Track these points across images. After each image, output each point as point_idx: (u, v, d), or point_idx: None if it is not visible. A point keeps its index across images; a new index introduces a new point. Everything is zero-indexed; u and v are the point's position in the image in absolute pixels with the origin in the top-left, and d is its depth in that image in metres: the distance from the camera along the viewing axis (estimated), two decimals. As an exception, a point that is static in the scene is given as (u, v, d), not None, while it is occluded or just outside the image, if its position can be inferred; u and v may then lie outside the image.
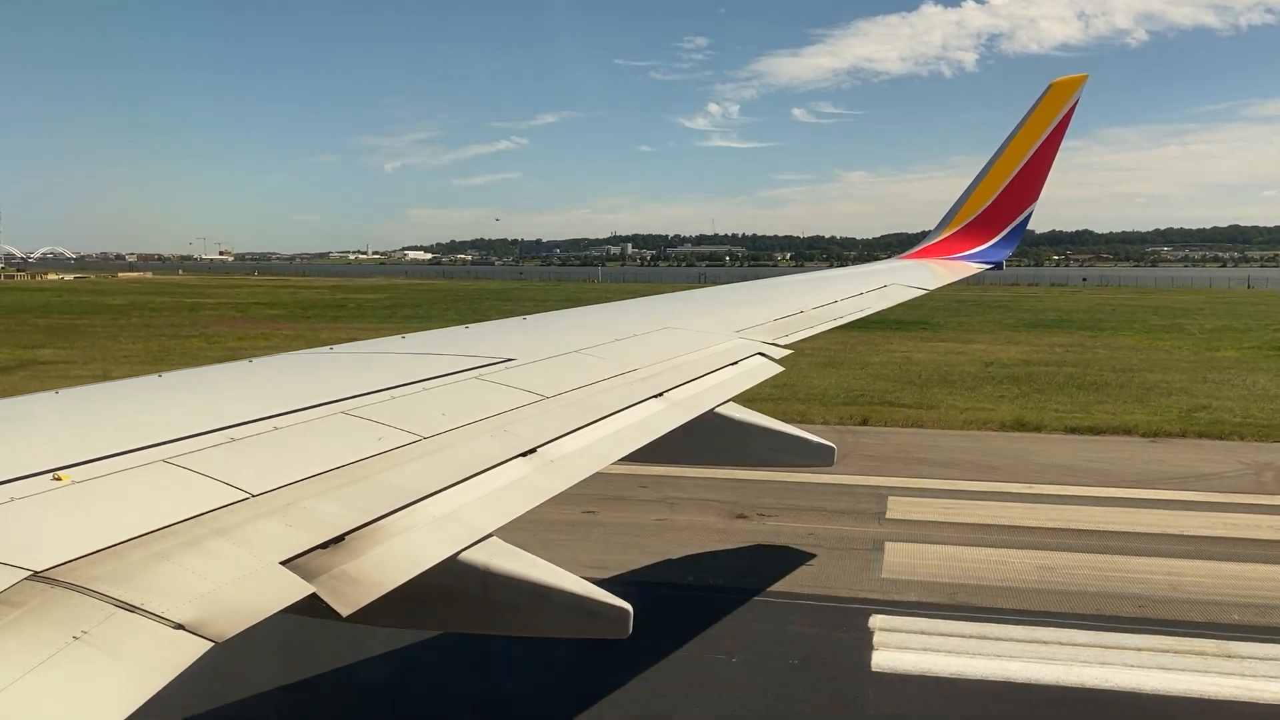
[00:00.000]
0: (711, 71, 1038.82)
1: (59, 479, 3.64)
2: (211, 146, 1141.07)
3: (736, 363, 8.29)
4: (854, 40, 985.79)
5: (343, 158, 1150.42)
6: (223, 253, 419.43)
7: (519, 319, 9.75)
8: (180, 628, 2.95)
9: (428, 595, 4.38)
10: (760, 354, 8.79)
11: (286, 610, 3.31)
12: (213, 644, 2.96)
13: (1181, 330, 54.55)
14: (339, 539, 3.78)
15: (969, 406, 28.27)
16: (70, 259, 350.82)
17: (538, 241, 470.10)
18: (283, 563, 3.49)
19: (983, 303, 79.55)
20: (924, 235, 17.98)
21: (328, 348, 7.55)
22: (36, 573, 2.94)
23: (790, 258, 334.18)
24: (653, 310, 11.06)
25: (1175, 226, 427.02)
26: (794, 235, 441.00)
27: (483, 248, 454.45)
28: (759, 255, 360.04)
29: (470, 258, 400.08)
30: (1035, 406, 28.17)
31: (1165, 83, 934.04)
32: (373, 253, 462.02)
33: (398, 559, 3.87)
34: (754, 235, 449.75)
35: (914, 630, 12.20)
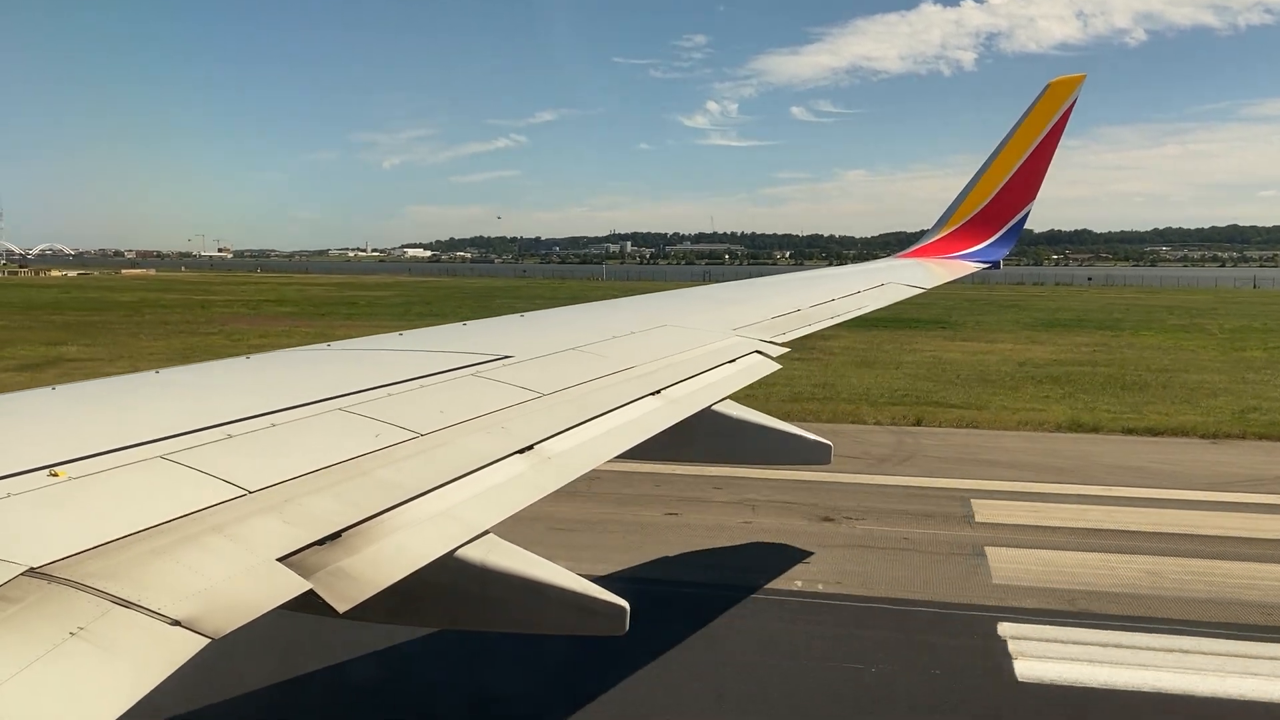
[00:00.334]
0: (710, 70, 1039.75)
1: (55, 475, 3.64)
2: (210, 143, 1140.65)
3: (734, 360, 8.29)
4: (853, 39, 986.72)
5: (341, 154, 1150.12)
6: (221, 249, 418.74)
7: (516, 316, 9.76)
8: (177, 624, 2.95)
9: (424, 592, 4.38)
10: (757, 352, 8.79)
11: (283, 607, 3.32)
12: (209, 640, 2.97)
13: (1202, 330, 54.45)
14: (336, 535, 3.78)
15: (1018, 407, 28.13)
16: (69, 255, 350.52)
17: (537, 239, 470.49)
18: (279, 559, 3.49)
19: (994, 302, 79.59)
20: (922, 234, 17.99)
21: (325, 344, 7.55)
22: (33, 569, 2.94)
23: (790, 256, 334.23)
24: (650, 308, 11.05)
25: (1174, 226, 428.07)
26: (793, 233, 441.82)
27: (482, 245, 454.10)
28: (758, 253, 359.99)
29: (469, 255, 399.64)
30: (1084, 407, 28.02)
31: (1164, 82, 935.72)
32: (372, 250, 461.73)
33: (394, 556, 3.88)
34: (753, 233, 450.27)
35: (1048, 639, 11.92)
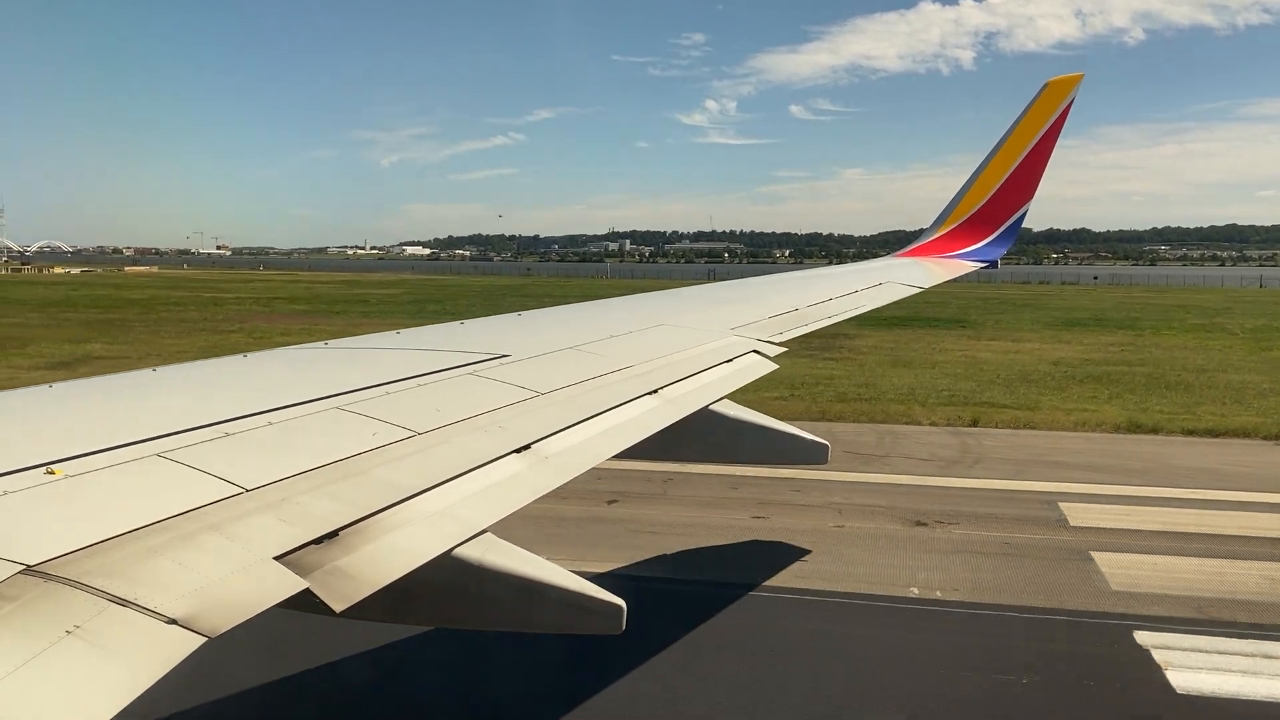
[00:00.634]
0: (709, 68, 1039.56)
1: (52, 473, 3.65)
2: (208, 140, 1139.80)
3: (731, 360, 8.31)
4: (852, 37, 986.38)
5: (339, 152, 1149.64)
6: (220, 247, 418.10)
7: (513, 315, 9.76)
8: (173, 622, 2.96)
9: (422, 591, 4.39)
10: (755, 351, 8.81)
11: (280, 605, 3.32)
12: (206, 639, 2.97)
13: (1223, 330, 54.23)
14: (333, 534, 3.79)
15: (1069, 407, 27.94)
16: (67, 252, 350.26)
17: (535, 237, 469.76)
18: (276, 558, 3.50)
19: (1008, 301, 79.63)
20: (921, 232, 18.00)
21: (323, 342, 7.56)
22: (30, 566, 2.95)
23: (789, 255, 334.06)
24: (647, 307, 11.05)
25: (1172, 225, 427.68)
26: (792, 232, 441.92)
27: (480, 243, 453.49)
28: (758, 252, 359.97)
29: (468, 253, 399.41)
30: (1136, 408, 27.88)
31: (1162, 81, 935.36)
32: (371, 248, 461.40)
33: (391, 555, 3.88)
34: (752, 232, 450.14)
35: (1192, 649, 11.63)
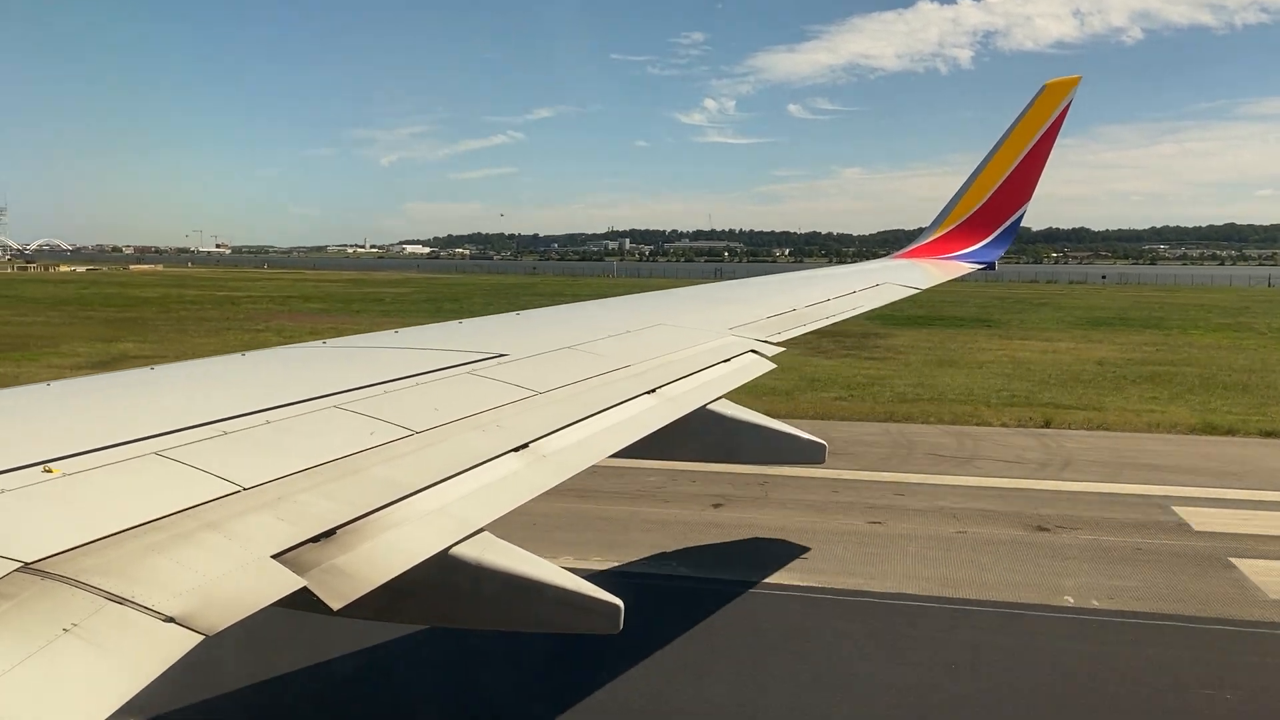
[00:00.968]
0: (708, 67, 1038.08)
1: (49, 471, 3.65)
2: (207, 139, 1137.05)
3: (729, 360, 8.32)
4: (850, 37, 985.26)
5: (338, 151, 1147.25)
6: (219, 245, 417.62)
7: (512, 314, 9.77)
8: (171, 620, 2.96)
9: (419, 589, 4.40)
10: (753, 351, 8.82)
11: (277, 603, 3.33)
12: (203, 637, 2.98)
13: (1250, 329, 54.07)
14: (330, 533, 3.80)
15: (1136, 408, 27.76)
16: (66, 251, 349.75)
17: (535, 236, 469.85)
18: (274, 556, 3.50)
19: (1023, 300, 79.68)
20: (920, 232, 18.02)
21: (320, 341, 7.56)
22: (27, 564, 2.95)
23: (790, 254, 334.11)
24: (645, 307, 11.07)
25: (1171, 224, 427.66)
26: (791, 231, 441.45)
27: (480, 242, 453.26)
28: (758, 251, 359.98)
29: (468, 252, 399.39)
30: (1203, 409, 27.70)
31: (1160, 81, 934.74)
32: (370, 246, 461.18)
33: (389, 553, 3.89)
34: (751, 231, 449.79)
35: None
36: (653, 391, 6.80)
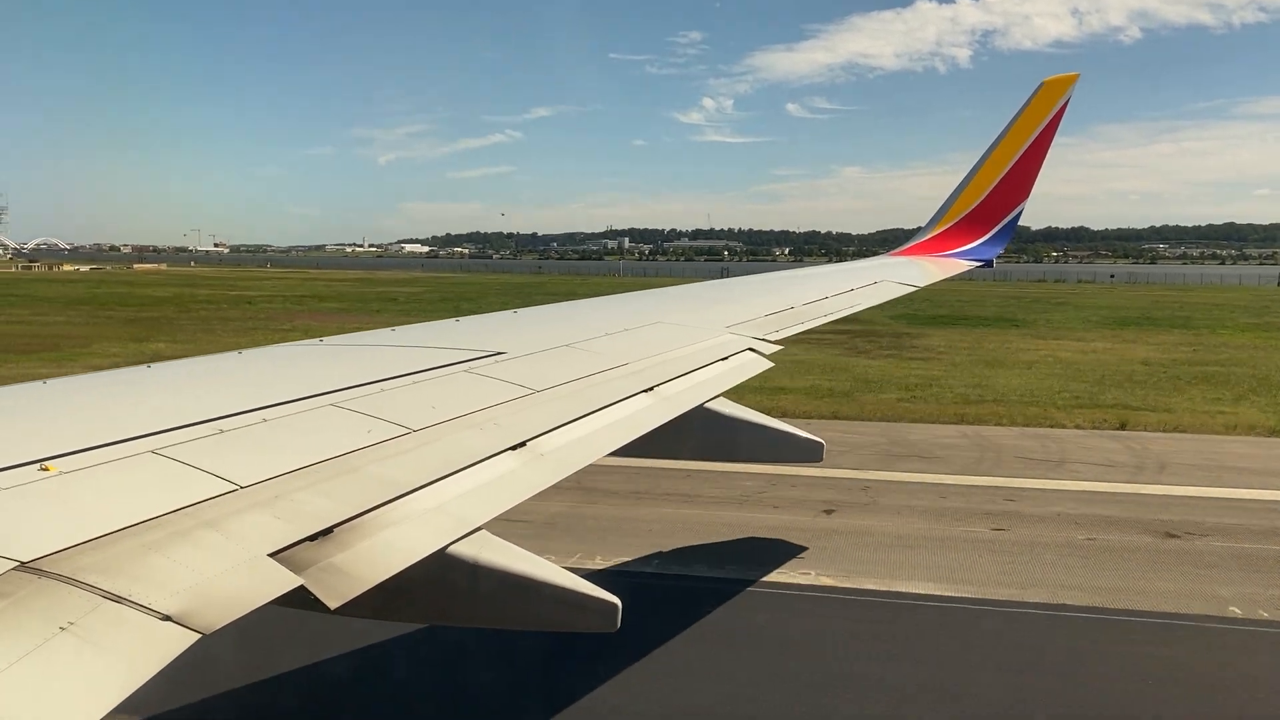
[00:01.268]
0: (706, 66, 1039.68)
1: (46, 469, 3.65)
2: (205, 138, 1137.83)
3: (727, 358, 8.32)
4: (849, 36, 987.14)
5: (336, 150, 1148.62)
6: (217, 244, 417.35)
7: (509, 313, 9.76)
8: (168, 619, 2.96)
9: (416, 588, 4.40)
10: (751, 349, 8.82)
11: (274, 602, 3.33)
12: (200, 635, 2.98)
13: (1279, 329, 53.97)
14: (327, 531, 3.79)
15: (1207, 409, 27.48)
16: (64, 250, 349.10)
17: (533, 235, 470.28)
18: (271, 555, 3.50)
19: (1040, 300, 79.40)
20: (917, 231, 18.01)
21: (318, 339, 7.56)
22: (24, 563, 2.95)
23: (789, 253, 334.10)
24: (642, 305, 11.07)
25: (1170, 224, 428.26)
26: (790, 230, 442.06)
27: (479, 241, 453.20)
28: (758, 250, 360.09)
29: (466, 251, 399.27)
30: (1272, 410, 27.42)
31: (1159, 80, 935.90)
32: (369, 245, 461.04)
33: (386, 552, 3.89)
34: (750, 230, 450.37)
35: None
36: (650, 390, 6.80)
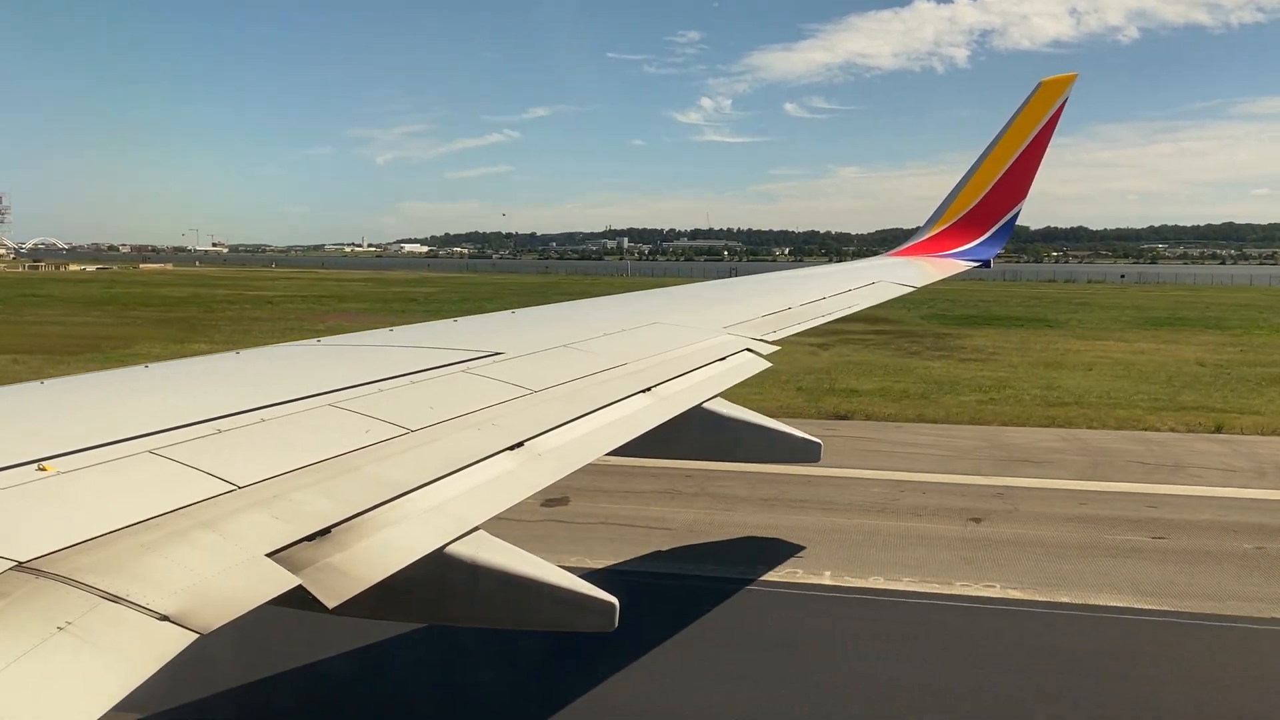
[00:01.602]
0: (704, 66, 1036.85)
1: (44, 469, 3.66)
2: (202, 138, 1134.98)
3: (724, 358, 8.33)
4: (847, 35, 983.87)
5: (334, 150, 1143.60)
6: (216, 244, 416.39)
7: (507, 313, 9.78)
8: (166, 619, 2.97)
9: (414, 588, 4.41)
10: (748, 350, 8.83)
11: (272, 602, 3.34)
12: (198, 635, 2.98)
13: None
14: (325, 531, 3.80)
15: None
16: (62, 249, 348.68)
17: (532, 235, 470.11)
18: (269, 554, 3.51)
19: (1061, 300, 78.78)
20: (915, 231, 18.03)
21: (316, 339, 7.57)
22: (21, 563, 2.96)
23: (789, 253, 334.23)
24: (640, 305, 11.08)
25: (1169, 223, 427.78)
26: (789, 230, 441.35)
27: (477, 241, 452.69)
28: (757, 250, 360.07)
29: (465, 251, 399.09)
30: None
31: (1156, 80, 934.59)
32: (368, 245, 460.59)
33: (384, 552, 3.90)
34: (749, 230, 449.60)
35: None
36: (648, 390, 6.81)
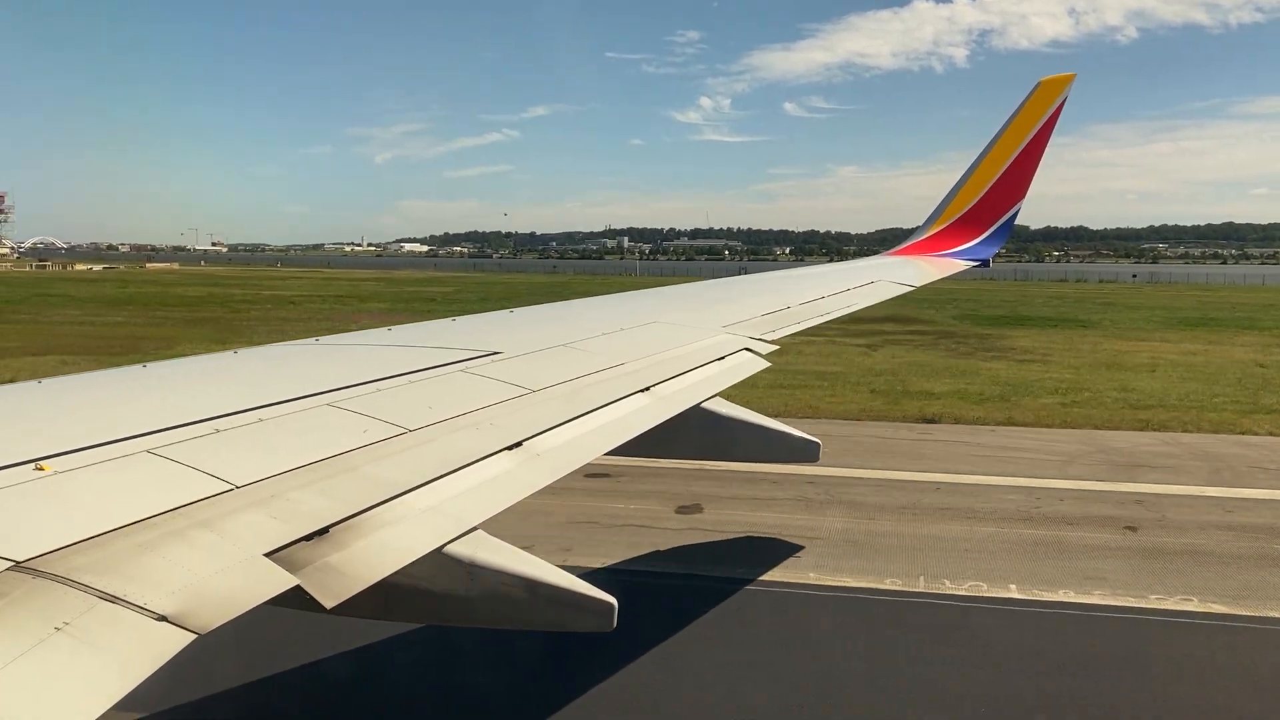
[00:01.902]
0: (703, 65, 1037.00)
1: (41, 469, 3.65)
2: (201, 137, 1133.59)
3: (723, 358, 8.33)
4: (846, 35, 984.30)
5: (333, 149, 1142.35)
6: (215, 244, 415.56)
7: (506, 312, 9.78)
8: (163, 619, 2.97)
9: (412, 588, 4.41)
10: (747, 349, 8.83)
11: (270, 602, 3.33)
12: (196, 636, 2.98)
13: None
14: (323, 531, 3.80)
15: None
16: (61, 249, 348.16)
17: (532, 234, 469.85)
18: (267, 554, 3.51)
19: (1084, 300, 78.09)
20: (914, 231, 18.03)
21: (314, 339, 7.56)
22: (18, 563, 2.96)
23: (790, 252, 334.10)
24: (639, 305, 11.08)
25: (1169, 223, 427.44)
26: (789, 229, 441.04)
27: (477, 240, 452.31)
28: (758, 249, 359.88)
29: (465, 250, 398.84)
30: None
31: (1155, 79, 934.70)
32: (368, 245, 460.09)
33: (382, 551, 3.90)
34: (749, 229, 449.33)
35: None
36: (646, 390, 6.81)
